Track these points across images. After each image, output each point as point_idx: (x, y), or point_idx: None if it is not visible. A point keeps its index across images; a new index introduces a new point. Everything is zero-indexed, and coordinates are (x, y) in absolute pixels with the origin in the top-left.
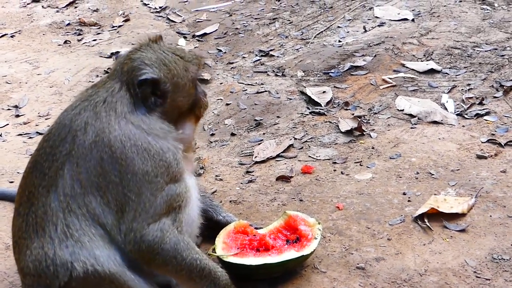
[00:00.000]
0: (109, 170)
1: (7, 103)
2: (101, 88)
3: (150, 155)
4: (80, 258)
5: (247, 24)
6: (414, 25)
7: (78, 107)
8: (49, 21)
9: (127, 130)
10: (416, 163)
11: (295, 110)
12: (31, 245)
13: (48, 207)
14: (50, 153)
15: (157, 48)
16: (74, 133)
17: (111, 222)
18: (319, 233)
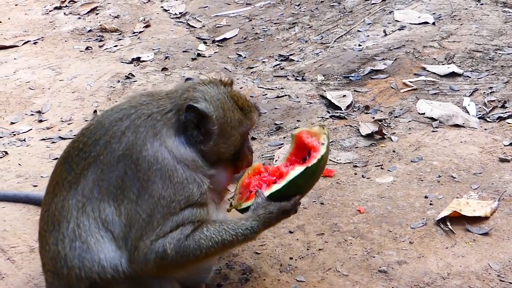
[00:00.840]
0: (129, 186)
1: (31, 108)
2: (154, 101)
3: (173, 182)
4: (86, 264)
5: (267, 29)
6: (435, 29)
7: (122, 112)
8: (71, 28)
9: (158, 153)
10: (438, 166)
11: (315, 114)
12: (49, 239)
13: (67, 203)
14: (82, 150)
15: (223, 91)
16: (108, 138)
17: (117, 232)
18: (325, 137)
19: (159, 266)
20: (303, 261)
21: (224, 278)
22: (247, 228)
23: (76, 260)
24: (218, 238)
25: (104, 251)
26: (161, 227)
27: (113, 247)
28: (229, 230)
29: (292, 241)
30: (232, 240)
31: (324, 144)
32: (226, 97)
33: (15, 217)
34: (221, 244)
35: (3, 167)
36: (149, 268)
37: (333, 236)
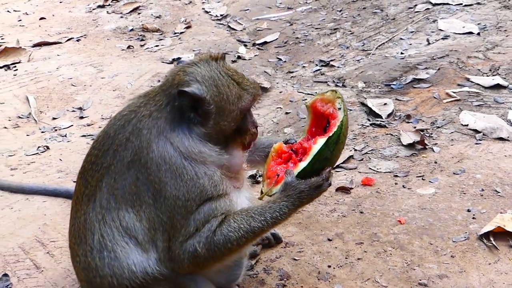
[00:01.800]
0: (143, 191)
1: (72, 105)
2: (151, 100)
3: (183, 180)
4: (116, 271)
5: (308, 34)
6: (479, 39)
7: (124, 118)
8: (114, 27)
9: (165, 152)
10: (481, 179)
11: (355, 121)
12: (78, 251)
13: (88, 216)
14: (94, 162)
15: (215, 67)
16: (115, 147)
17: (142, 237)
18: (339, 101)
19: (194, 264)
20: (341, 269)
21: (261, 282)
22: (276, 211)
23: (106, 269)
24: (247, 227)
25: (131, 256)
26: (185, 228)
27: (139, 251)
28: (256, 217)
29: (330, 249)
30: (262, 226)
31: (341, 108)
32: (219, 73)
33: (55, 211)
34: (251, 232)
35: (45, 161)
36: (185, 266)
37: (372, 246)
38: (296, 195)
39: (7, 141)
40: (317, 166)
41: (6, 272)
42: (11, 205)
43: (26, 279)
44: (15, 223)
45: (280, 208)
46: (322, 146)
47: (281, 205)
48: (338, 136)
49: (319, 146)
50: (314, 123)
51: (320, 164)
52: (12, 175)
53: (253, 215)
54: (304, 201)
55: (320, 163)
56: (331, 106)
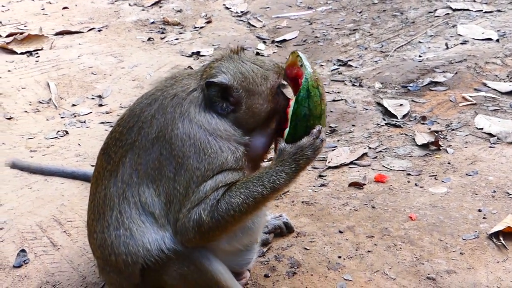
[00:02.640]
0: (165, 165)
1: (92, 92)
2: (178, 82)
3: (207, 154)
4: (131, 250)
5: (327, 33)
6: (498, 46)
7: (151, 97)
8: (135, 19)
9: (189, 129)
10: (494, 181)
11: (371, 120)
12: (96, 228)
13: (108, 191)
14: (118, 139)
15: (237, 58)
16: (140, 124)
17: (158, 212)
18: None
19: (199, 233)
20: (351, 260)
21: (272, 269)
22: (272, 176)
23: (122, 247)
24: (247, 192)
25: (147, 235)
26: (196, 194)
27: (155, 229)
28: (255, 181)
29: (341, 240)
30: (261, 191)
31: (302, 64)
32: (242, 61)
33: (73, 193)
34: (251, 197)
35: (64, 145)
36: (191, 237)
37: (382, 240)
38: (290, 159)
39: (27, 125)
40: (300, 127)
41: (24, 248)
42: (30, 185)
43: (43, 256)
44: (33, 202)
45: (276, 173)
46: (294, 106)
47: (277, 170)
48: (306, 90)
49: (292, 107)
50: (295, 92)
51: (303, 123)
52: (31, 157)
53: (251, 179)
54: (301, 163)
55: (303, 122)
56: (296, 67)
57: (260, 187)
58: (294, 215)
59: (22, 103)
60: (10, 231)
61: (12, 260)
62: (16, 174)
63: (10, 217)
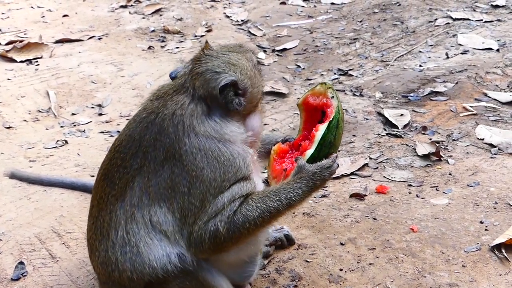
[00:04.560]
0: (178, 182)
1: (92, 101)
2: (169, 101)
3: (220, 162)
4: (136, 267)
5: (327, 42)
6: (498, 55)
7: (145, 121)
8: (135, 27)
9: (197, 142)
10: (495, 193)
11: (372, 131)
12: (99, 246)
13: (114, 214)
14: (121, 165)
15: (215, 53)
16: (144, 149)
17: (172, 229)
18: (331, 90)
19: (214, 245)
20: (352, 273)
21: (273, 282)
22: (290, 192)
23: (127, 264)
24: (263, 206)
25: (154, 252)
26: (213, 207)
27: (162, 246)
28: (272, 196)
29: (343, 253)
30: (277, 206)
31: (334, 96)
32: (223, 54)
33: (72, 204)
34: (267, 211)
35: (63, 155)
36: (205, 248)
37: (384, 252)
38: (309, 177)
39: (26, 134)
40: (323, 152)
41: (22, 260)
42: (29, 195)
43: (42, 268)
44: (32, 213)
45: (293, 189)
46: (325, 131)
47: (295, 186)
48: (337, 120)
49: (322, 132)
50: (308, 119)
51: (325, 149)
52: (30, 167)
53: (268, 195)
54: (318, 183)
55: (326, 148)
56: (323, 97)
57: (277, 202)
58: (295, 226)
59: (21, 112)
60: (8, 243)
61: (10, 273)
62: (15, 184)
63: (8, 228)
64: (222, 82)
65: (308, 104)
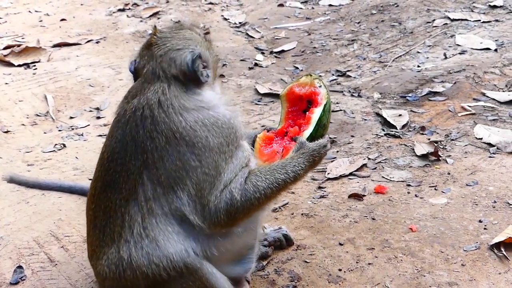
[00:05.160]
0: (187, 159)
1: (90, 105)
2: (148, 93)
3: (219, 126)
4: (153, 260)
5: (325, 44)
6: (496, 55)
7: (132, 120)
8: (133, 30)
9: (191, 117)
10: (494, 192)
11: (370, 131)
12: (108, 251)
13: (127, 215)
14: (122, 170)
15: (168, 34)
16: (142, 144)
17: (189, 209)
18: (317, 81)
19: (229, 214)
20: (352, 273)
21: (272, 283)
22: (295, 165)
23: (143, 259)
24: (272, 178)
25: (172, 244)
26: (227, 174)
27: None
28: (278, 169)
29: (341, 253)
30: (285, 178)
31: (321, 85)
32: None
33: (70, 207)
34: (276, 183)
35: (61, 159)
36: (220, 219)
37: (383, 252)
38: (310, 153)
39: (24, 138)
40: (319, 132)
41: (21, 264)
42: (27, 199)
43: (40, 272)
44: (30, 217)
45: (298, 163)
46: (321, 113)
47: (299, 161)
48: (329, 105)
49: (319, 113)
50: (291, 109)
51: (321, 130)
52: (28, 171)
53: (275, 168)
54: (316, 159)
55: (320, 130)
56: (310, 87)
57: (284, 175)
58: (293, 227)
59: (19, 116)
60: (6, 247)
61: (8, 277)
62: (13, 188)
63: (6, 232)
64: (189, 56)
65: (293, 94)
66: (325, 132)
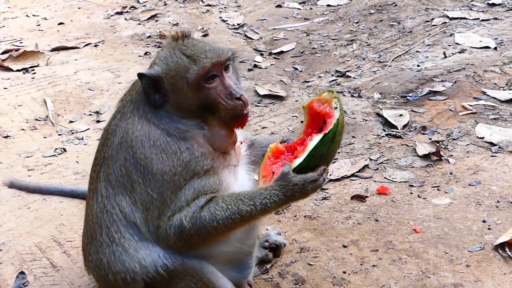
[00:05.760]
0: (131, 170)
1: (89, 108)
2: (133, 87)
3: (168, 154)
4: (128, 267)
5: (324, 44)
6: (496, 54)
7: (116, 110)
8: (131, 33)
9: (147, 131)
10: (497, 191)
11: (371, 132)
12: (90, 249)
13: (93, 209)
14: (95, 158)
15: (174, 45)
16: (109, 136)
17: (139, 221)
18: (336, 101)
19: (180, 240)
20: (356, 276)
21: (276, 286)
22: (266, 198)
23: (119, 265)
24: (234, 209)
25: (140, 250)
26: (175, 202)
27: (145, 244)
28: (246, 200)
29: (345, 255)
30: (250, 211)
31: (337, 108)
32: (173, 50)
33: (72, 212)
34: (238, 214)
35: (62, 163)
36: (172, 243)
37: (387, 254)
38: (289, 187)
39: (24, 143)
40: (312, 163)
41: (23, 270)
42: (29, 205)
43: (43, 277)
44: (32, 222)
45: (270, 196)
46: (317, 143)
47: (272, 193)
48: (334, 134)
49: (315, 143)
50: (310, 124)
51: (315, 161)
52: (29, 176)
53: (242, 198)
54: (297, 195)
55: (316, 160)
56: (327, 106)
57: (250, 206)
58: (297, 229)
59: (18, 121)
60: (8, 253)
61: (11, 283)
62: (14, 194)
63: (8, 238)
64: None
65: (312, 108)
66: (324, 163)
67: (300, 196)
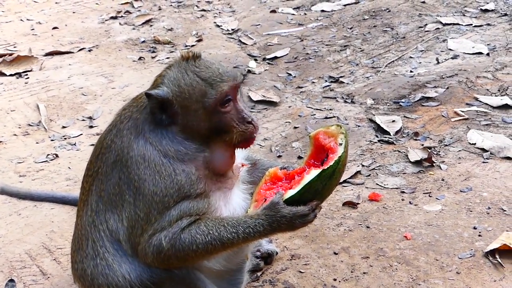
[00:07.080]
0: (124, 190)
1: (82, 114)
2: (134, 102)
3: (162, 177)
4: (110, 280)
5: (318, 50)
6: (489, 60)
7: (112, 123)
8: (125, 38)
9: (144, 151)
10: (488, 198)
11: (363, 138)
12: (76, 257)
13: (83, 221)
14: (89, 168)
15: (185, 66)
16: (103, 150)
17: (122, 237)
18: (342, 137)
19: (157, 259)
20: (347, 283)
21: None
22: (250, 227)
23: (101, 278)
24: (215, 235)
25: (123, 264)
26: (159, 221)
27: (130, 259)
28: (228, 227)
29: (336, 262)
30: (232, 238)
31: (342, 144)
32: (185, 71)
33: (63, 219)
34: (219, 241)
35: (54, 169)
36: (149, 261)
37: (378, 261)
38: (276, 217)
39: (16, 148)
40: (306, 197)
41: (12, 278)
42: (19, 211)
43: (32, 285)
44: (22, 229)
45: (255, 225)
46: (314, 178)
47: (257, 222)
48: (333, 171)
49: (311, 177)
50: (314, 155)
51: (309, 195)
52: (20, 182)
53: (225, 225)
54: (283, 227)
55: (310, 194)
56: (333, 140)
57: (232, 234)
58: (288, 237)
59: (11, 126)
60: None
61: None
62: (4, 200)
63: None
64: (151, 90)
65: (317, 140)
66: (318, 199)
67: (286, 229)
